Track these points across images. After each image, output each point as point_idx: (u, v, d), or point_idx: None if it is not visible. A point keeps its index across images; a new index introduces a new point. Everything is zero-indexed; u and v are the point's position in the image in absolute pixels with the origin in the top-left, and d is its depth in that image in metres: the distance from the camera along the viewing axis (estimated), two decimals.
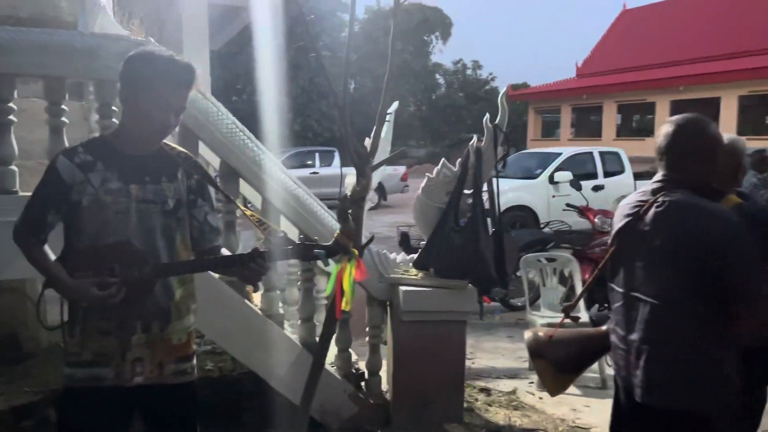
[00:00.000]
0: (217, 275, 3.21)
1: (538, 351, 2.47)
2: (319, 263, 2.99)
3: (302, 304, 3.69)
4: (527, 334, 2.54)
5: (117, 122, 3.15)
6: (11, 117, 3.03)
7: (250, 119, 3.78)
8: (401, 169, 17.94)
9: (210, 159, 4.32)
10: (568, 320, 2.61)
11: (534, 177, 10.70)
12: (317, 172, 16.82)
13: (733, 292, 1.98)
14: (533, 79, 34.02)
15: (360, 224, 2.69)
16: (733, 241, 1.98)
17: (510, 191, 10.16)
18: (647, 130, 28.68)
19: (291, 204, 3.51)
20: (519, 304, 6.73)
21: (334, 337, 3.71)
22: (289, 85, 21.31)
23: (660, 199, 2.09)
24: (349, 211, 2.20)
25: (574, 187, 6.87)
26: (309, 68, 24.48)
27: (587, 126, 31.41)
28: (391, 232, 10.38)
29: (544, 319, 4.63)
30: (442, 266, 3.62)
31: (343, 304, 2.15)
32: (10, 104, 3.03)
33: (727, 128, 23.71)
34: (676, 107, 25.57)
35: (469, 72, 35.72)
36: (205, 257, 2.15)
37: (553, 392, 2.52)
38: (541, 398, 4.28)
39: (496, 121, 3.70)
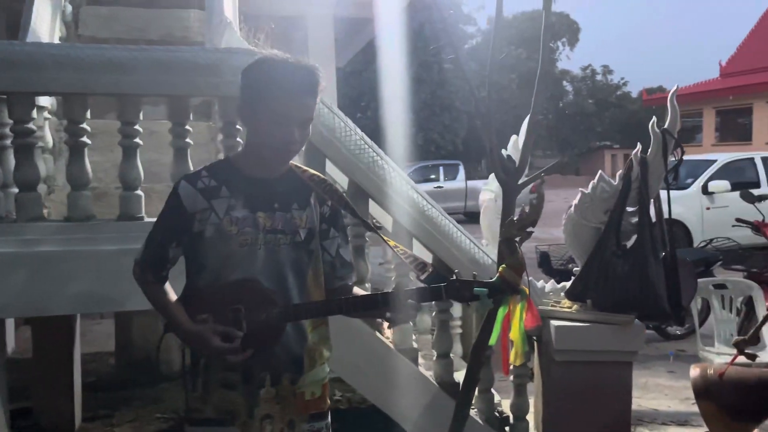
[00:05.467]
0: None
1: (707, 392, 2.16)
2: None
3: (438, 338, 3.30)
4: (694, 371, 2.23)
5: (242, 142, 2.96)
6: (137, 140, 2.91)
7: (375, 135, 3.49)
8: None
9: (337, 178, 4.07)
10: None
11: (684, 187, 9.63)
12: (441, 186, 16.48)
13: None
14: (669, 83, 31.78)
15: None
16: None
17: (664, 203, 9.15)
18: None
19: (424, 226, 3.14)
20: (678, 332, 5.94)
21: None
22: (412, 99, 21.19)
23: None
24: (517, 239, 1.78)
25: (745, 200, 5.97)
26: (431, 82, 24.29)
27: (734, 129, 28.82)
28: (524, 249, 9.75)
29: (722, 357, 3.91)
30: (602, 298, 3.08)
31: (512, 357, 1.73)
32: (136, 126, 2.90)
33: None
34: None
35: (598, 77, 33.95)
36: (337, 297, 1.81)
37: None
38: None
39: (665, 125, 3.13)
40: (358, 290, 1.90)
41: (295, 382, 1.77)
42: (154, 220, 1.83)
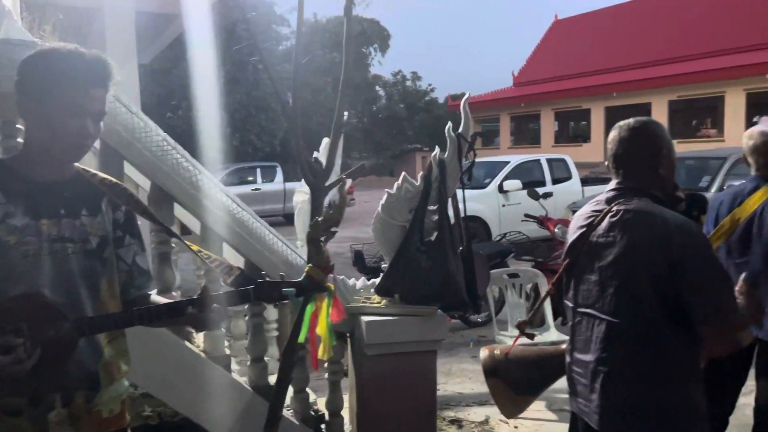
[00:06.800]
0: None
1: (494, 370, 2.33)
2: None
3: (252, 342, 3.26)
4: (483, 353, 2.40)
5: (22, 142, 2.68)
6: None
7: (187, 136, 3.37)
8: (346, 182, 17.58)
9: (139, 181, 3.84)
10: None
11: (483, 187, 10.51)
12: (259, 189, 16.28)
13: (695, 307, 1.80)
14: (471, 89, 34.50)
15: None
16: (696, 251, 1.82)
17: (460, 202, 9.94)
18: (584, 136, 29.42)
19: (235, 229, 3.08)
20: (479, 320, 6.46)
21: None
22: (226, 99, 20.66)
23: (615, 209, 1.94)
24: (322, 239, 1.83)
25: (532, 197, 6.67)
26: (246, 82, 23.85)
27: (526, 134, 31.99)
28: (340, 249, 10.00)
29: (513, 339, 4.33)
30: (409, 291, 3.25)
31: (320, 352, 1.78)
32: None
33: None
34: (609, 113, 26.34)
35: (408, 83, 35.77)
36: (137, 307, 1.71)
37: (510, 415, 2.42)
38: (516, 427, 3.97)
39: (459, 129, 3.39)
40: (158, 298, 1.82)
41: (90, 400, 1.65)
42: None
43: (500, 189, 10.30)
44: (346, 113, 4.66)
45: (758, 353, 2.89)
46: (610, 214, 1.95)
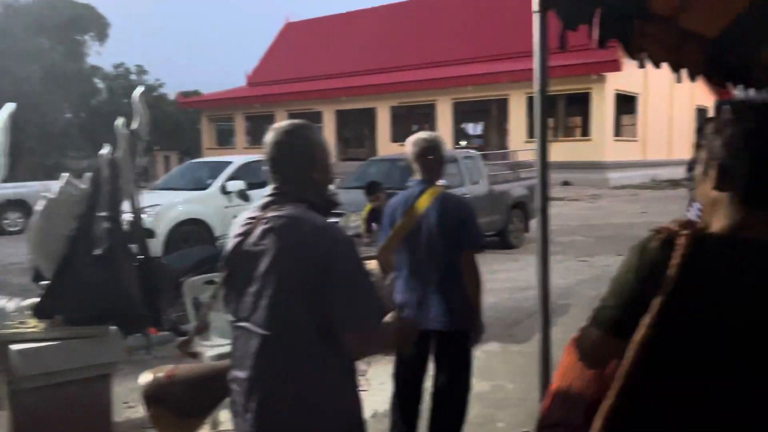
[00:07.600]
0: None
1: (157, 398, 2.03)
2: None
3: None
4: (144, 378, 2.07)
5: None
6: None
7: None
8: None
9: None
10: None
11: (205, 188, 10.09)
12: None
13: (338, 313, 1.76)
14: (206, 88, 33.41)
15: None
16: (342, 258, 1.79)
17: (181, 204, 9.40)
18: None
19: None
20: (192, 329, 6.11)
21: None
22: None
23: (268, 215, 1.84)
24: None
25: (241, 199, 6.52)
26: None
27: (261, 134, 31.80)
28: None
29: (215, 349, 4.11)
30: (75, 311, 2.84)
31: None
32: None
33: (383, 135, 26.50)
34: (339, 116, 27.63)
35: (133, 77, 33.28)
36: None
37: None
38: None
39: (134, 125, 3.07)
40: None
41: None
42: None
43: (223, 190, 9.98)
44: (12, 105, 3.98)
45: (436, 343, 3.09)
46: (263, 221, 1.84)
